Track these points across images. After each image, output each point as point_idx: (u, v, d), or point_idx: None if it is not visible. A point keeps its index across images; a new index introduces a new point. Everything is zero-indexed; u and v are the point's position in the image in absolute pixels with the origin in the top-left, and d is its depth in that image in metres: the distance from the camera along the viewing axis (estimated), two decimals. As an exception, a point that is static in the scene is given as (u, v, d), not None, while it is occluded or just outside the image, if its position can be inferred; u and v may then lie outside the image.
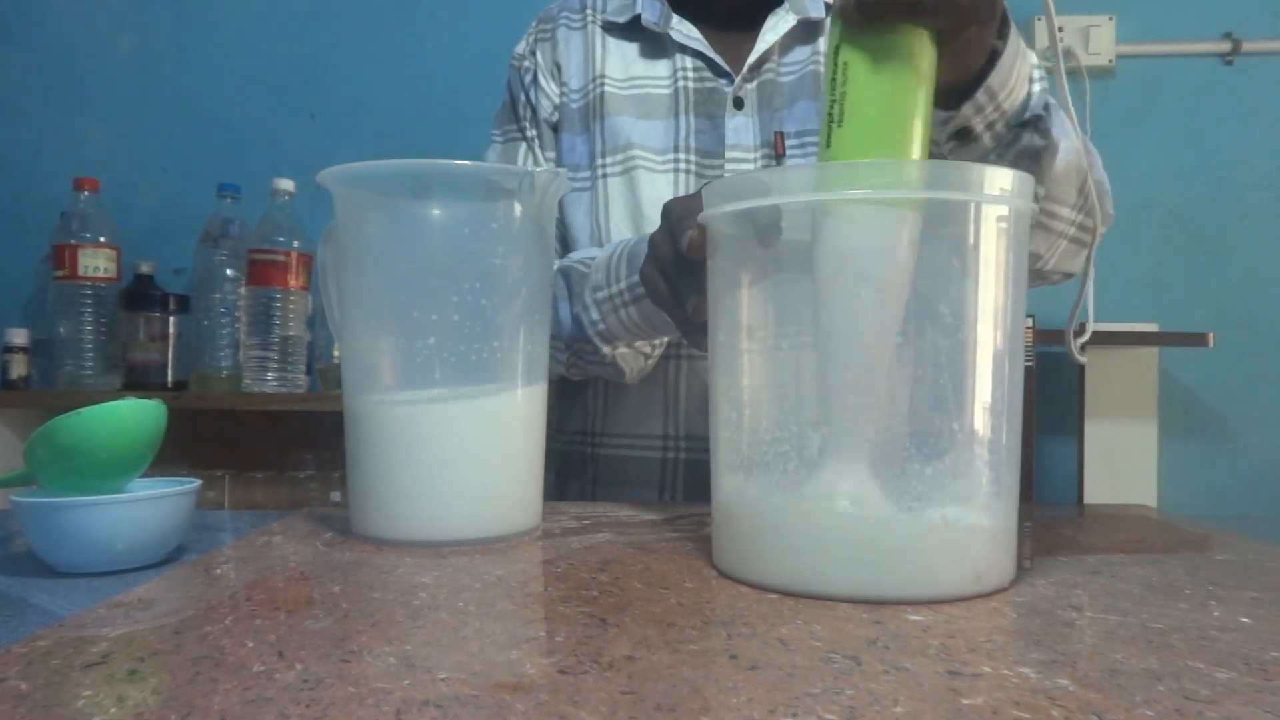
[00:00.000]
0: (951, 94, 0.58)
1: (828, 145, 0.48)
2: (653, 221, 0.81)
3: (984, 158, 0.63)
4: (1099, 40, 1.86)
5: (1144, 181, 1.83)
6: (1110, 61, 1.87)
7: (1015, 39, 0.58)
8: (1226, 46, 1.86)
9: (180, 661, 0.33)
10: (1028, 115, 0.63)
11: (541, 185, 0.57)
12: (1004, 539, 0.44)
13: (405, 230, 0.57)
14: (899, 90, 0.47)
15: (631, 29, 0.88)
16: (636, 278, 0.70)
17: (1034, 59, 0.66)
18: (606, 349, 0.76)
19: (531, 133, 0.90)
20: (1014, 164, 0.66)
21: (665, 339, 0.78)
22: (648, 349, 0.78)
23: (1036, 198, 0.69)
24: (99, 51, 1.90)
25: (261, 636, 0.36)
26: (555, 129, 0.90)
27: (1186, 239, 1.87)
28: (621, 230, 0.83)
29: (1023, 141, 0.65)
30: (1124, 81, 1.88)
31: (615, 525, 0.61)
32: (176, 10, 1.91)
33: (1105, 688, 0.31)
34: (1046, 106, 0.65)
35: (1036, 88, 0.64)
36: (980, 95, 0.58)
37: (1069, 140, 0.64)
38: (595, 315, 0.75)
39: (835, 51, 0.48)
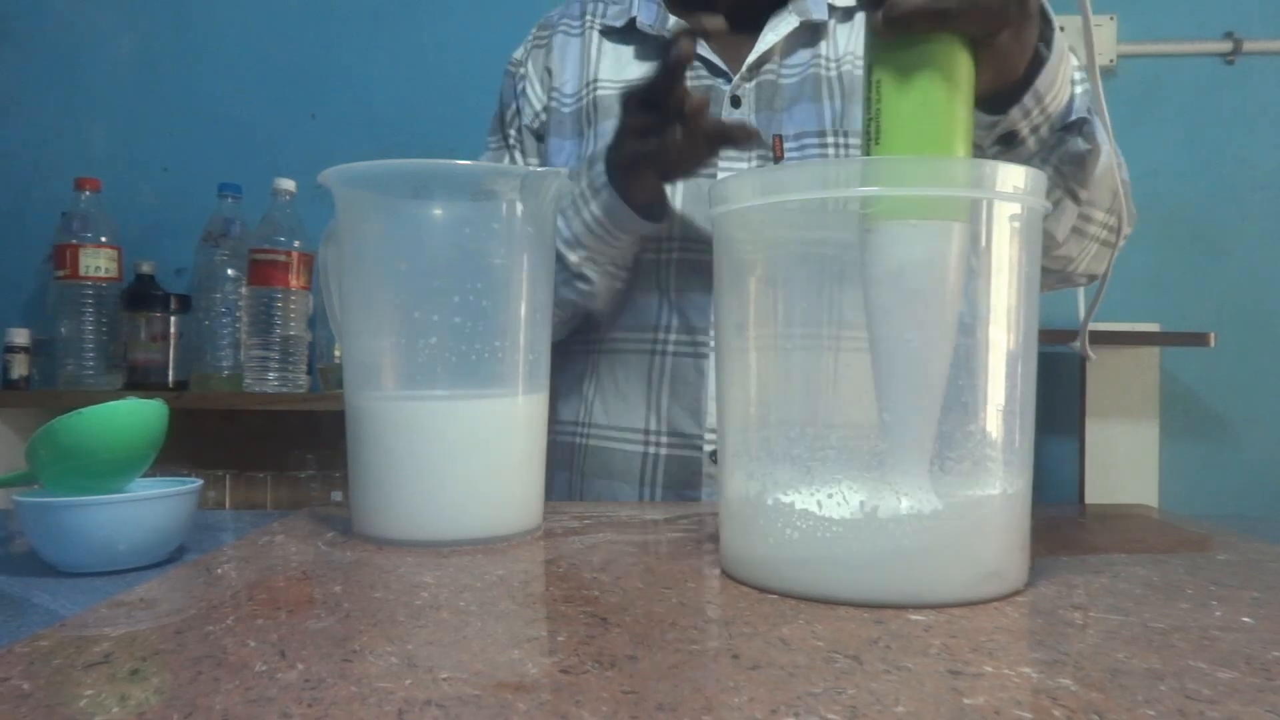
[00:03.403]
0: (998, 98, 0.57)
1: None
2: (638, 220, 0.82)
3: (1028, 162, 0.62)
4: (1100, 40, 1.85)
5: (1144, 181, 1.83)
6: (1111, 61, 1.87)
7: (1059, 41, 0.57)
8: (1228, 46, 1.86)
9: (182, 661, 0.33)
10: (1072, 118, 0.63)
11: (542, 185, 0.57)
12: (1016, 542, 0.44)
13: (405, 230, 0.57)
14: (934, 102, 0.46)
15: (628, 32, 0.88)
16: (600, 165, 0.73)
17: (1075, 61, 0.66)
18: (573, 256, 0.77)
19: (514, 140, 0.91)
20: (1058, 168, 0.66)
21: (631, 258, 0.80)
22: (612, 269, 0.80)
23: (1079, 202, 0.69)
24: (100, 51, 1.90)
25: (263, 636, 0.36)
26: (539, 135, 0.91)
27: (1187, 239, 1.87)
28: None
29: (1066, 145, 0.65)
30: (1125, 81, 1.88)
31: (616, 525, 0.61)
32: (177, 10, 1.91)
33: (1107, 687, 0.31)
34: (1088, 110, 0.65)
35: (1079, 89, 0.64)
36: (1027, 99, 0.57)
37: (1106, 143, 0.64)
38: (560, 223, 0.76)
39: (869, 70, 0.48)
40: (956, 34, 0.47)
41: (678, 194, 0.82)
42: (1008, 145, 0.61)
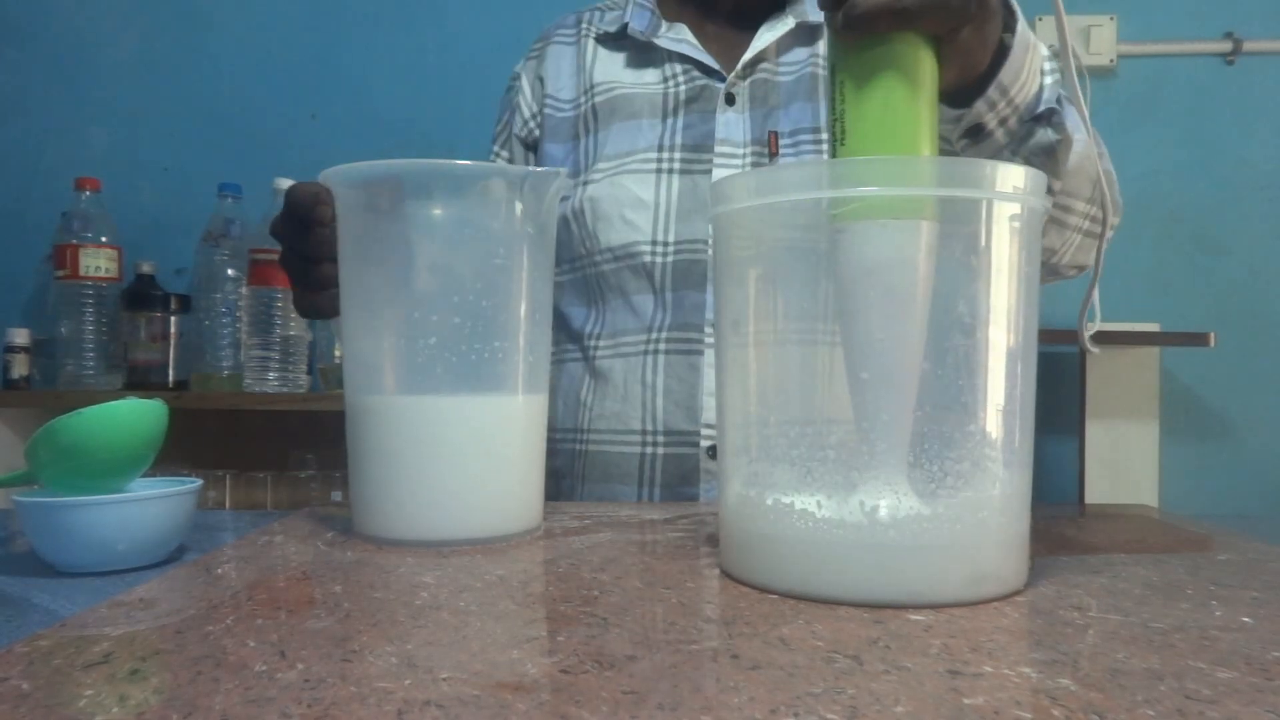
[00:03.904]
0: (962, 92, 0.57)
1: None
2: (630, 222, 0.82)
3: (997, 154, 0.62)
4: (1100, 40, 1.86)
5: (1144, 181, 1.83)
6: (1111, 61, 1.87)
7: (1024, 31, 0.57)
8: (1227, 46, 1.86)
9: (182, 661, 0.33)
10: (1041, 109, 0.63)
11: (543, 185, 0.57)
12: (1016, 542, 0.44)
13: (405, 230, 0.57)
14: (896, 101, 0.46)
15: (622, 38, 0.89)
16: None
17: (1045, 51, 0.65)
18: None
19: (505, 154, 0.94)
20: (1029, 160, 0.66)
21: None
22: None
23: (1052, 192, 0.69)
24: (100, 51, 1.90)
25: (263, 636, 0.36)
26: (527, 143, 0.93)
27: (1187, 239, 1.87)
28: (606, 233, 0.84)
29: (1036, 137, 0.64)
30: (1125, 81, 1.88)
31: (616, 525, 0.61)
32: (178, 10, 1.91)
33: (1107, 687, 0.31)
34: (1059, 100, 0.65)
35: (1048, 80, 0.64)
36: (992, 91, 0.57)
37: (1081, 133, 0.64)
38: None
39: (833, 71, 0.48)
40: (918, 32, 0.47)
41: (673, 194, 0.82)
42: (975, 138, 0.61)
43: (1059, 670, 0.33)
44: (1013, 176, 0.43)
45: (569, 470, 0.87)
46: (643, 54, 0.88)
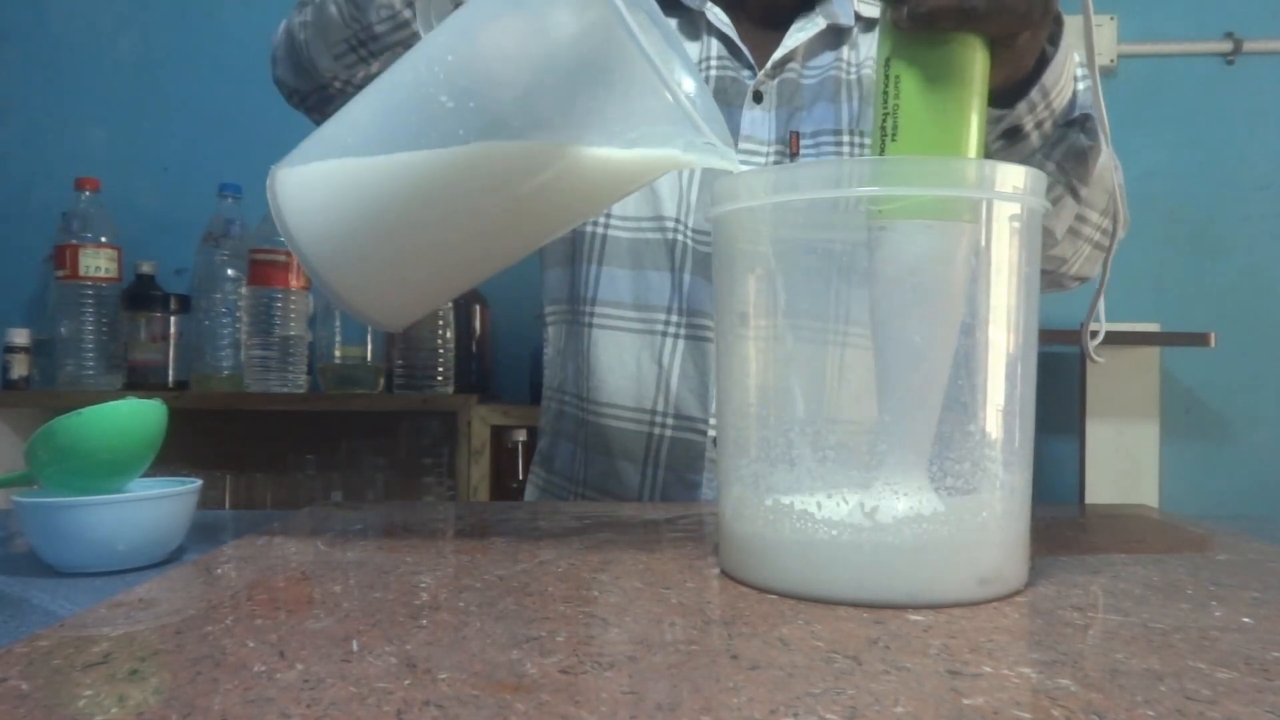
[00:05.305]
0: (1005, 93, 0.57)
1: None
2: (658, 194, 0.82)
3: (1030, 157, 0.63)
4: (1100, 40, 1.86)
5: (1144, 181, 1.83)
6: (1111, 61, 1.87)
7: (1066, 36, 0.58)
8: (1228, 46, 1.86)
9: (181, 661, 0.33)
10: (1075, 114, 0.63)
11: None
12: (1016, 543, 0.44)
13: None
14: (953, 101, 0.46)
15: (668, 6, 0.88)
16: None
17: (1077, 57, 0.66)
18: None
19: None
20: (1061, 163, 0.66)
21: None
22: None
23: (1078, 199, 0.69)
24: (99, 51, 1.90)
25: (262, 636, 0.36)
26: None
27: (1187, 239, 1.87)
28: (622, 209, 0.83)
29: (1069, 140, 0.65)
30: (1125, 81, 1.88)
31: (616, 525, 0.61)
32: (177, 10, 1.91)
33: (1106, 688, 0.31)
34: (1090, 106, 0.65)
35: (1081, 85, 0.64)
36: (1034, 94, 0.57)
37: (1104, 144, 0.65)
38: None
39: (886, 64, 0.47)
40: (977, 33, 0.46)
41: (694, 184, 0.82)
42: (1012, 140, 0.61)
43: (1059, 670, 0.33)
44: (1013, 176, 0.43)
45: (574, 435, 0.87)
46: (686, 25, 0.87)
